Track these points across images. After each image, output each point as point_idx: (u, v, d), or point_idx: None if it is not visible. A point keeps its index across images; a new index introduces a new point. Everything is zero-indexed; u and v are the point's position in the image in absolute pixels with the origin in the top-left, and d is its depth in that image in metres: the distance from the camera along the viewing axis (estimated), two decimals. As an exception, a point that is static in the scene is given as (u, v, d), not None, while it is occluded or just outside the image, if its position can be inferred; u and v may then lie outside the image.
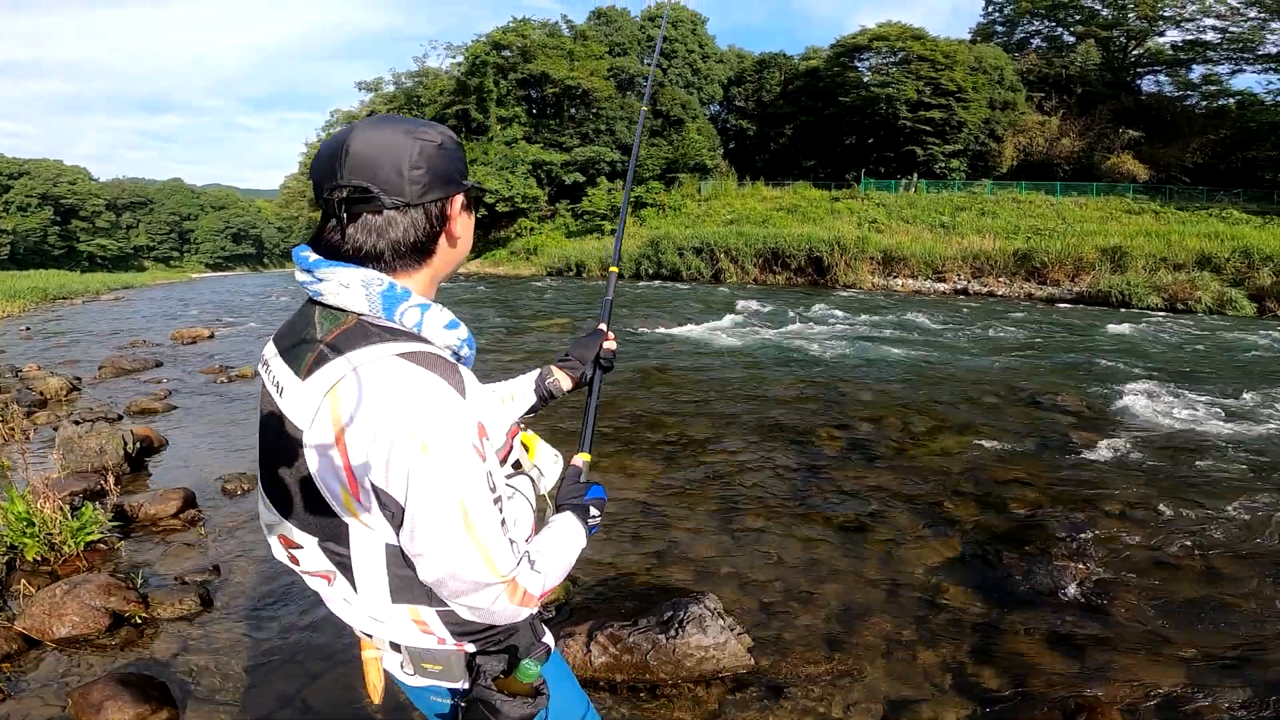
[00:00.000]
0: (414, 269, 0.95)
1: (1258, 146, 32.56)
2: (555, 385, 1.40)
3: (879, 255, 26.51)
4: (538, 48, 41.25)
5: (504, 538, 0.90)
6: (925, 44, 36.84)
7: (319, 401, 0.87)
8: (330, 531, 0.93)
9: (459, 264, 1.04)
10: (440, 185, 0.92)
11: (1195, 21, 37.16)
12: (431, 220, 0.93)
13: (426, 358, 0.87)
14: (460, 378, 0.88)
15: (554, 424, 5.32)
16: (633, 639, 2.50)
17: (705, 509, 4.30)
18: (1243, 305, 19.56)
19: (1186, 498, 4.48)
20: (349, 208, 0.89)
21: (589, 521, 1.16)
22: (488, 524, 0.87)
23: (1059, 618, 3.15)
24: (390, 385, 0.84)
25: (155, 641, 2.85)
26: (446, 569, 0.87)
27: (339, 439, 0.85)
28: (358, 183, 0.88)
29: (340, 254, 0.92)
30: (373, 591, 0.96)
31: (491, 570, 0.88)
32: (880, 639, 2.97)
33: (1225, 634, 3.02)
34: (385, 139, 0.91)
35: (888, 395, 7.41)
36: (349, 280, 0.89)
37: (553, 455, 1.24)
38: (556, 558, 1.03)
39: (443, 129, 0.98)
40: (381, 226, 0.90)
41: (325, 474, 0.89)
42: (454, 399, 0.85)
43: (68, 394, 7.50)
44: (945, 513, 4.27)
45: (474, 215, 1.04)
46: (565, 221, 40.18)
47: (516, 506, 1.06)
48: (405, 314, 0.90)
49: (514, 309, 17.67)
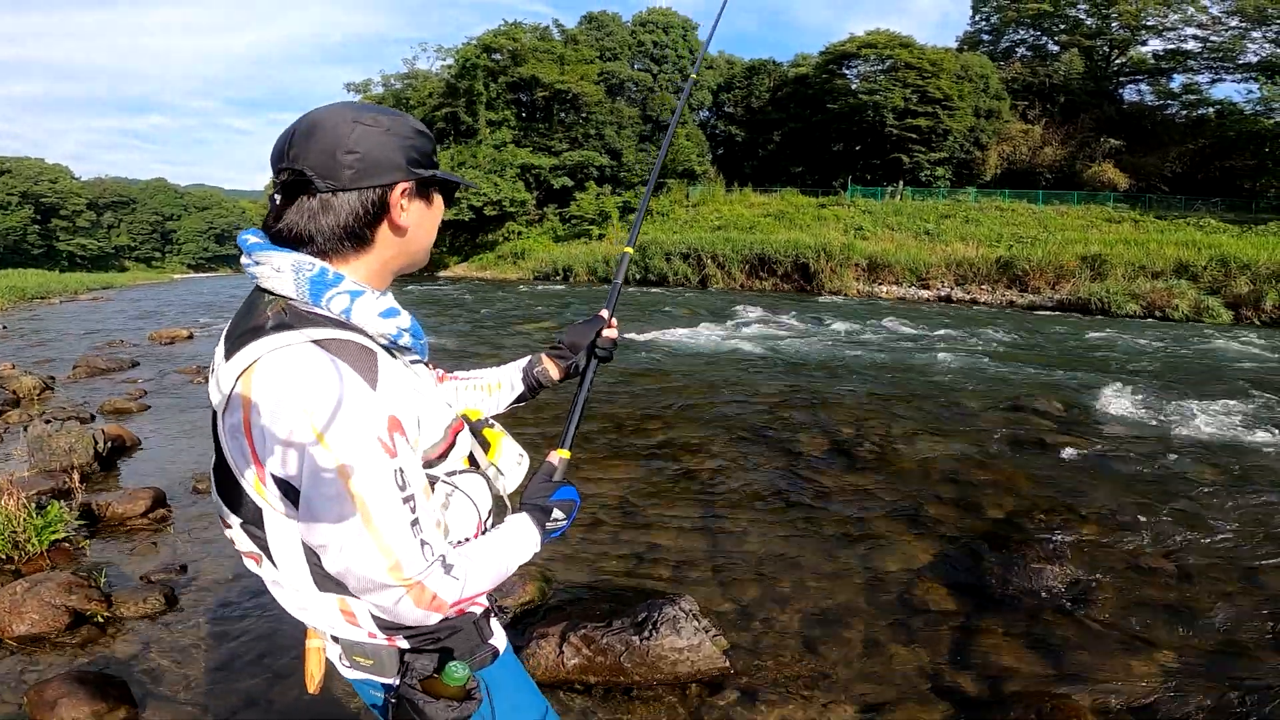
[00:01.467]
0: (351, 256, 0.92)
1: (1236, 156, 33.10)
2: (544, 374, 1.35)
3: (864, 262, 26.65)
4: (528, 51, 41.17)
5: (412, 538, 0.84)
6: (913, 52, 37.18)
7: (231, 384, 0.85)
8: (250, 514, 0.91)
9: (417, 256, 1.00)
10: (378, 172, 0.89)
11: (1177, 31, 37.77)
12: (367, 207, 0.90)
13: (340, 345, 0.84)
14: (374, 368, 0.84)
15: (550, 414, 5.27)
16: (606, 640, 2.47)
17: (685, 511, 4.28)
18: (1219, 313, 19.86)
19: (1162, 502, 4.52)
20: (285, 191, 0.90)
21: (549, 525, 1.10)
22: (391, 522, 0.82)
23: (1036, 620, 3.16)
24: (295, 372, 0.81)
25: (116, 640, 2.80)
26: (343, 564, 0.83)
27: (246, 424, 0.84)
28: (295, 166, 0.88)
29: (279, 238, 0.91)
30: (296, 579, 0.93)
31: (393, 571, 0.83)
32: (858, 641, 2.96)
33: (1200, 636, 3.03)
34: (328, 122, 0.90)
35: (870, 400, 7.43)
36: (281, 264, 0.88)
37: (517, 454, 1.18)
38: (484, 564, 0.97)
39: (399, 115, 0.96)
40: (315, 211, 0.89)
41: (237, 458, 0.88)
42: (359, 389, 0.81)
43: (41, 393, 7.36)
44: (925, 515, 4.28)
45: (433, 205, 1.00)
46: (553, 226, 40.07)
47: (456, 506, 1.01)
48: (333, 300, 0.88)
49: (499, 311, 17.59)
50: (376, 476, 0.81)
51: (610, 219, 37.64)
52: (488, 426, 1.18)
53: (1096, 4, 38.94)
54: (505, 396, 1.36)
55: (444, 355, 10.32)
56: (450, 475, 1.03)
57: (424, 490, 0.89)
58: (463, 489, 1.03)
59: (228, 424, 0.87)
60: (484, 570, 0.96)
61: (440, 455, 1.01)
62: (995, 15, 43.88)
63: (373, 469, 0.81)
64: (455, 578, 0.90)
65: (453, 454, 1.03)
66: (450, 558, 0.91)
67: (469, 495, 1.03)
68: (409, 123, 0.95)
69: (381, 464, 0.82)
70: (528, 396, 1.38)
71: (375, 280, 0.96)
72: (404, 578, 0.85)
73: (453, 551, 0.93)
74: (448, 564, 0.90)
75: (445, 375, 1.33)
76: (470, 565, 0.94)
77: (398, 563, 0.84)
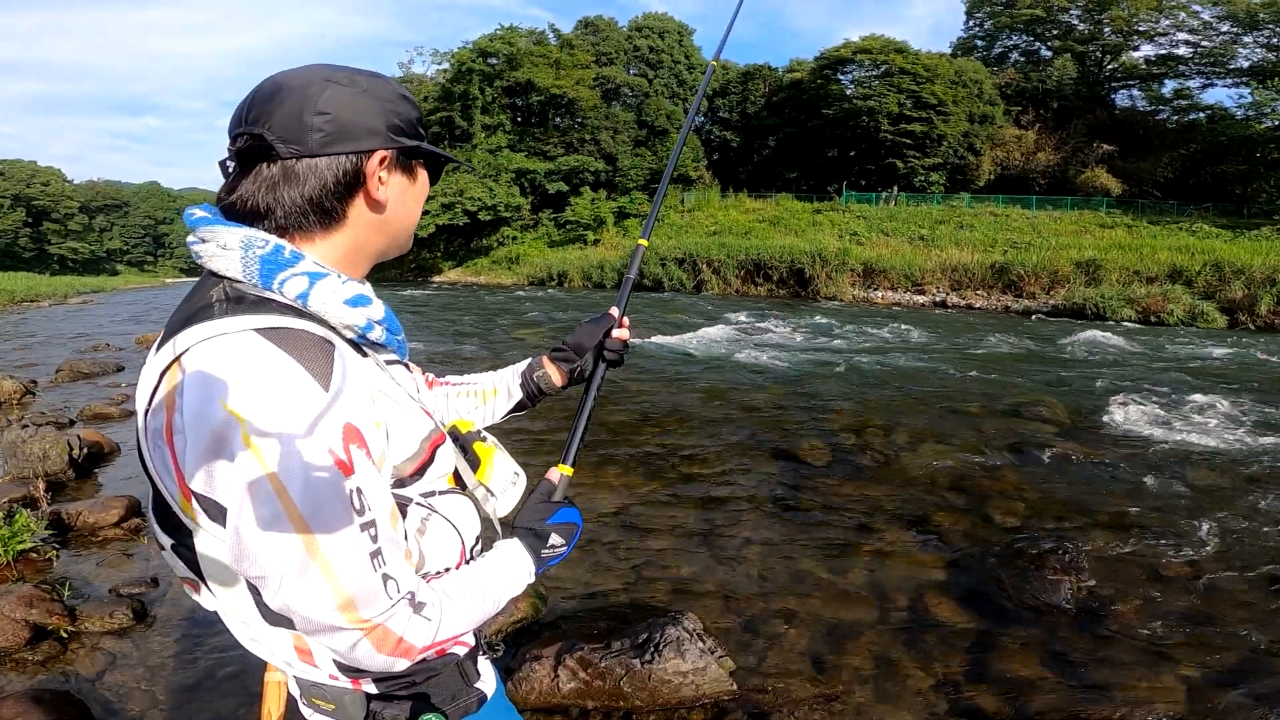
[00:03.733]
0: (318, 234, 0.79)
1: (1227, 161, 33.24)
2: (545, 379, 1.19)
3: (859, 267, 26.63)
4: (524, 56, 41.12)
5: (371, 572, 0.69)
6: (907, 57, 37.28)
7: (155, 380, 0.71)
8: (181, 536, 0.75)
9: (399, 238, 0.87)
10: (353, 136, 0.77)
11: (1168, 36, 38.01)
12: (339, 177, 0.77)
13: (290, 336, 0.69)
14: (329, 364, 0.69)
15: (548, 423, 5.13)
16: (605, 663, 2.31)
17: (685, 523, 4.13)
18: (1214, 317, 19.88)
19: (1173, 508, 4.41)
20: (242, 158, 0.76)
21: (545, 552, 0.96)
22: (344, 553, 0.67)
23: (1053, 634, 3.04)
24: (226, 365, 0.66)
25: (79, 656, 2.65)
26: (283, 602, 0.68)
27: (168, 427, 0.70)
28: (255, 129, 0.75)
29: (232, 212, 0.77)
30: (240, 609, 0.77)
31: (345, 611, 0.68)
32: (869, 659, 2.82)
33: (1223, 648, 2.93)
34: (295, 81, 0.77)
35: (870, 407, 7.30)
36: (228, 240, 0.74)
37: (511, 473, 1.02)
38: (465, 600, 0.82)
39: (380, 76, 0.82)
40: (275, 179, 0.75)
41: (159, 469, 0.73)
42: (307, 389, 0.66)
43: (21, 397, 7.17)
44: (932, 526, 4.14)
45: (417, 182, 0.86)
46: (548, 231, 39.93)
47: (434, 532, 0.85)
48: (287, 283, 0.73)
49: (492, 317, 17.44)
50: (325, 497, 0.66)
51: (605, 224, 37.52)
52: (479, 440, 1.02)
53: (1089, 10, 39.21)
54: (501, 405, 1.21)
55: (436, 360, 10.16)
56: (427, 496, 0.88)
57: (390, 515, 0.74)
58: (442, 513, 0.87)
59: (150, 428, 0.72)
60: (464, 608, 0.82)
61: (415, 472, 0.85)
62: (988, 21, 44.11)
63: (320, 488, 0.66)
64: (427, 618, 0.75)
65: (430, 471, 0.87)
66: (422, 594, 0.76)
67: (450, 520, 0.88)
68: (391, 86, 0.83)
69: (332, 482, 0.67)
70: (527, 405, 1.22)
71: (347, 264, 0.82)
72: (360, 619, 0.70)
73: (425, 587, 0.78)
74: (418, 602, 0.75)
75: (435, 380, 1.19)
76: (447, 603, 0.79)
77: (351, 601, 0.68)
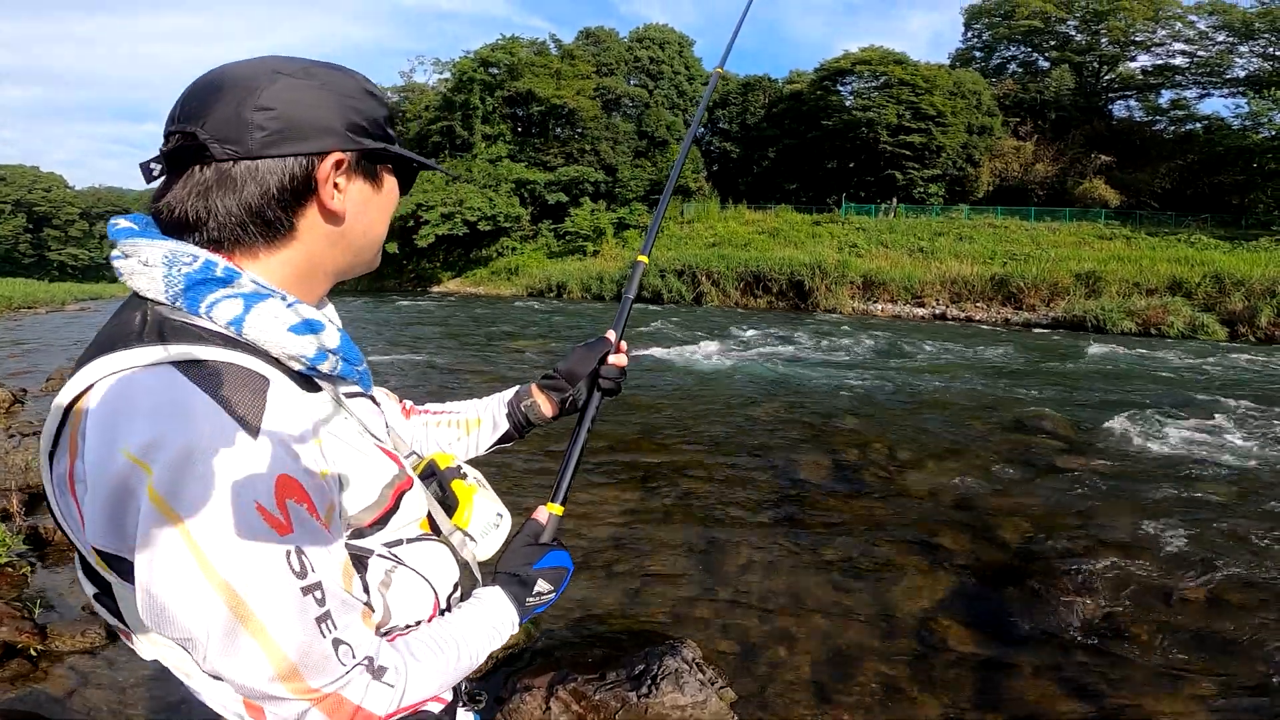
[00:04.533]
0: (262, 248, 0.68)
1: (1224, 171, 33.29)
2: (534, 409, 1.09)
3: (859, 280, 26.58)
4: (525, 66, 41.30)
5: (318, 637, 0.61)
6: (906, 68, 37.43)
7: (58, 420, 0.62)
8: (104, 586, 0.66)
9: (363, 254, 0.76)
10: (302, 136, 0.66)
11: (1165, 46, 38.19)
12: (284, 183, 0.66)
13: (212, 371, 0.60)
14: (259, 405, 0.60)
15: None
16: (599, 696, 2.21)
17: (683, 542, 4.03)
18: (1214, 330, 19.84)
19: (1184, 525, 4.31)
20: (172, 160, 0.65)
21: (530, 600, 0.87)
22: (283, 620, 0.59)
23: (1068, 657, 2.95)
24: (136, 407, 0.57)
25: (49, 676, 2.57)
26: (214, 668, 0.59)
27: (70, 476, 0.61)
28: (187, 127, 0.65)
29: (162, 223, 0.67)
30: (178, 663, 0.68)
31: (288, 681, 0.60)
32: (874, 686, 2.72)
33: (1242, 669, 2.86)
34: (238, 73, 0.67)
35: (872, 422, 7.22)
36: (150, 256, 0.64)
37: (495, 514, 0.93)
38: (436, 660, 0.73)
39: (342, 69, 0.72)
40: (207, 184, 0.65)
41: (66, 520, 0.65)
42: (230, 435, 0.57)
43: (10, 406, 7.05)
44: (938, 545, 4.04)
45: (383, 189, 0.76)
46: (547, 242, 39.92)
47: (401, 585, 0.76)
48: (218, 306, 0.63)
49: (490, 329, 17.36)
50: (254, 560, 0.57)
51: (605, 235, 37.54)
52: (458, 478, 0.92)
53: (1086, 20, 39.44)
54: (486, 436, 1.10)
55: (433, 374, 10.07)
56: (392, 546, 0.78)
57: (343, 573, 0.65)
58: (410, 564, 0.78)
59: (55, 474, 0.63)
60: (434, 668, 0.73)
61: (376, 522, 0.75)
62: (987, 32, 44.34)
63: (247, 550, 0.57)
64: (389, 684, 0.67)
65: (395, 519, 0.77)
66: (383, 658, 0.68)
67: (419, 571, 0.79)
68: (355, 80, 0.73)
69: (262, 544, 0.58)
70: (515, 436, 1.12)
71: (299, 284, 0.72)
72: (308, 689, 0.61)
73: (387, 649, 0.69)
74: (378, 667, 0.67)
75: (413, 409, 1.09)
76: (414, 665, 0.71)
77: (294, 670, 0.60)
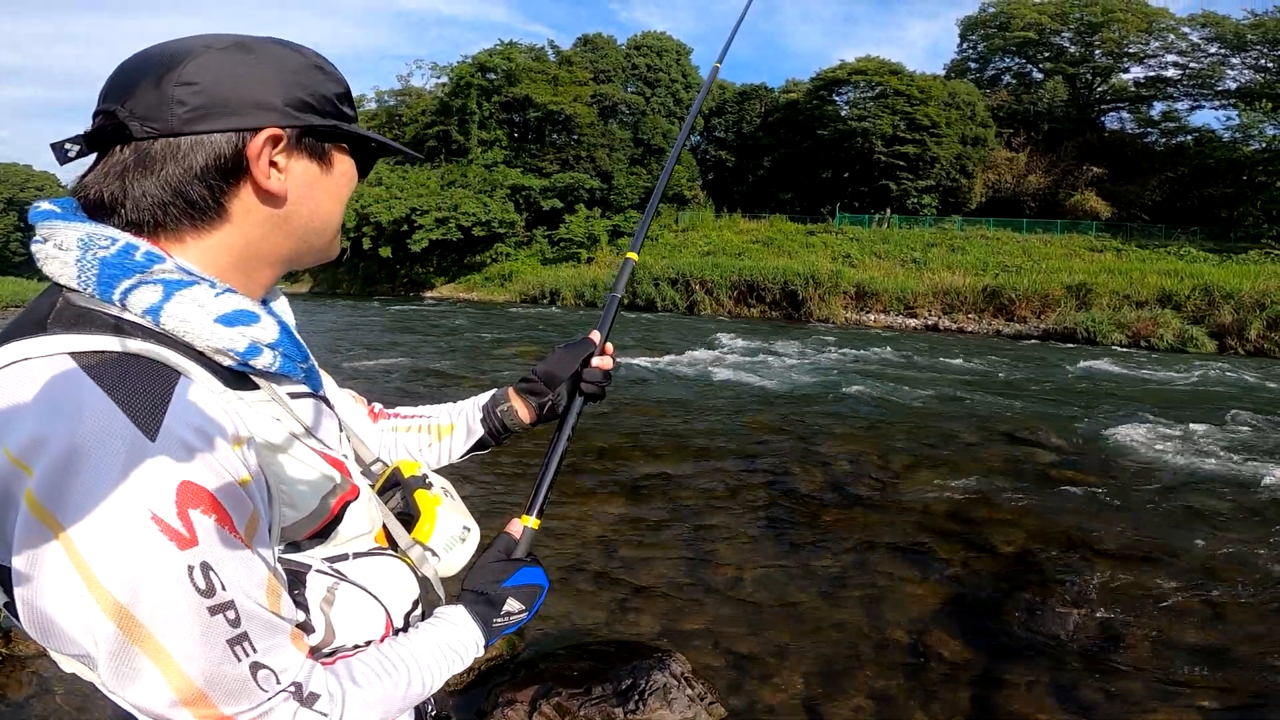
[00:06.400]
0: (188, 233, 0.63)
1: (1214, 184, 33.60)
2: (510, 415, 1.02)
3: (852, 290, 26.66)
4: (523, 71, 41.41)
5: (231, 662, 0.56)
6: (902, 79, 37.67)
7: None
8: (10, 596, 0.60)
9: (312, 240, 0.70)
10: (231, 111, 0.61)
11: (1158, 58, 38.71)
12: (209, 160, 0.61)
13: (111, 365, 0.55)
14: (161, 404, 0.54)
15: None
16: (585, 712, 2.15)
17: (672, 552, 3.98)
18: (1204, 343, 19.97)
19: (1178, 537, 4.32)
20: (92, 141, 0.61)
21: (498, 621, 0.81)
22: (185, 641, 0.53)
23: (1063, 669, 2.93)
24: (22, 402, 0.53)
25: (9, 680, 2.49)
26: (110, 687, 0.55)
27: None
28: (108, 106, 0.61)
29: (86, 206, 0.62)
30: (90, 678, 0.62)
31: (195, 707, 0.55)
32: (867, 700, 2.68)
33: (1239, 680, 2.85)
34: (168, 49, 0.62)
35: (864, 431, 7.19)
36: (66, 239, 0.59)
37: (460, 528, 0.87)
38: (380, 688, 0.67)
39: (288, 44, 0.67)
40: (125, 165, 0.60)
41: None
42: (125, 438, 0.52)
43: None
44: (931, 556, 4.01)
45: (332, 170, 0.69)
46: (541, 248, 39.91)
47: (345, 603, 0.71)
48: (134, 292, 0.58)
49: (484, 335, 17.30)
50: (149, 577, 0.52)
51: (599, 242, 37.55)
52: (423, 487, 0.87)
53: (1080, 32, 39.89)
54: (459, 443, 1.04)
55: (418, 378, 9.99)
56: (336, 561, 0.72)
57: (265, 591, 0.59)
58: (357, 580, 0.73)
59: None
60: (379, 695, 0.67)
61: (315, 534, 0.70)
62: (982, 43, 44.77)
63: (141, 566, 0.52)
64: (320, 712, 0.61)
65: (338, 532, 0.72)
66: (316, 684, 0.62)
67: (366, 589, 0.73)
68: (301, 54, 0.67)
69: (158, 558, 0.52)
70: (490, 443, 1.05)
71: (237, 272, 0.66)
72: (219, 715, 0.56)
73: (321, 675, 0.63)
74: (308, 694, 0.61)
75: (381, 412, 1.03)
76: (353, 692, 0.64)
77: (200, 696, 0.54)
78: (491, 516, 0.79)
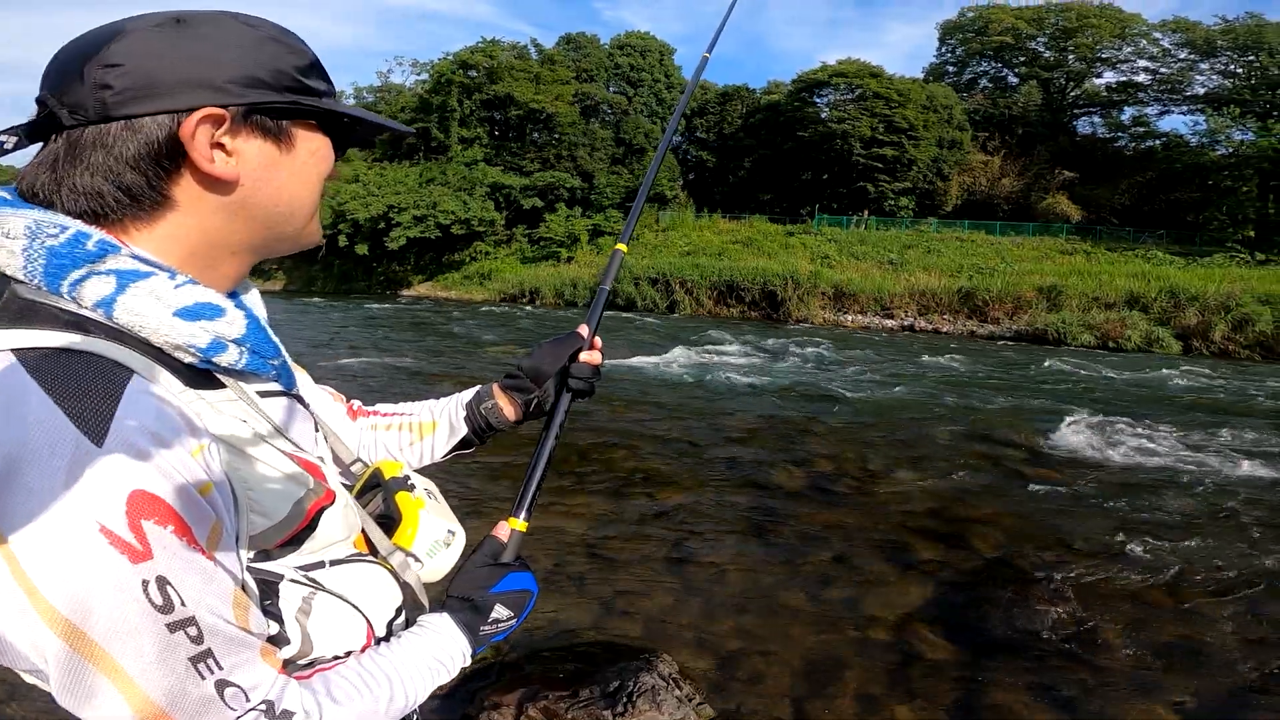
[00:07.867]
0: (131, 223, 0.59)
1: (1180, 188, 34.48)
2: (494, 412, 0.97)
3: (830, 291, 26.94)
4: (505, 69, 41.10)
5: (194, 680, 0.53)
6: (881, 81, 38.07)
7: None
8: None
9: (279, 225, 0.66)
10: (164, 93, 0.57)
11: (1130, 63, 39.52)
12: (141, 147, 0.57)
13: (55, 364, 0.52)
14: (109, 407, 0.51)
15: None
16: (572, 715, 2.15)
17: (657, 553, 3.99)
18: (1170, 344, 20.49)
19: (1150, 534, 4.43)
20: (33, 133, 0.58)
21: (485, 629, 0.77)
22: (142, 659, 0.50)
23: (1042, 665, 3.00)
24: None
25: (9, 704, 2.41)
26: (69, 709, 0.52)
27: None
28: (44, 96, 0.58)
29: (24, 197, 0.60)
30: None
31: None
32: (853, 697, 2.72)
33: (1211, 674, 2.95)
34: (97, 31, 0.59)
35: (844, 431, 7.27)
36: (13, 226, 0.56)
37: (445, 532, 0.83)
38: (360, 703, 0.64)
39: (234, 15, 0.63)
40: (56, 155, 0.58)
41: None
42: (69, 442, 0.49)
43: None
44: (912, 555, 4.07)
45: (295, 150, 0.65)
46: (521, 247, 39.66)
47: (323, 613, 0.67)
48: (84, 284, 0.55)
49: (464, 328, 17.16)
50: (98, 593, 0.49)
51: (579, 242, 37.43)
52: (404, 489, 0.83)
53: (1055, 37, 40.61)
54: (441, 442, 0.99)
55: (399, 376, 9.89)
56: (311, 570, 0.69)
57: (231, 604, 0.56)
58: (334, 589, 0.69)
59: None
60: (358, 711, 0.64)
61: (286, 542, 0.66)
62: (960, 47, 45.40)
63: (88, 581, 0.49)
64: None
65: (314, 538, 0.68)
66: (289, 701, 0.59)
67: (345, 598, 0.70)
68: (254, 29, 0.62)
69: (107, 573, 0.49)
70: (474, 442, 1.01)
71: (198, 263, 0.62)
72: None
73: (295, 691, 0.60)
74: (281, 712, 0.58)
75: (361, 410, 0.99)
76: (330, 709, 0.62)
77: (162, 716, 0.52)
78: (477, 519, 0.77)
